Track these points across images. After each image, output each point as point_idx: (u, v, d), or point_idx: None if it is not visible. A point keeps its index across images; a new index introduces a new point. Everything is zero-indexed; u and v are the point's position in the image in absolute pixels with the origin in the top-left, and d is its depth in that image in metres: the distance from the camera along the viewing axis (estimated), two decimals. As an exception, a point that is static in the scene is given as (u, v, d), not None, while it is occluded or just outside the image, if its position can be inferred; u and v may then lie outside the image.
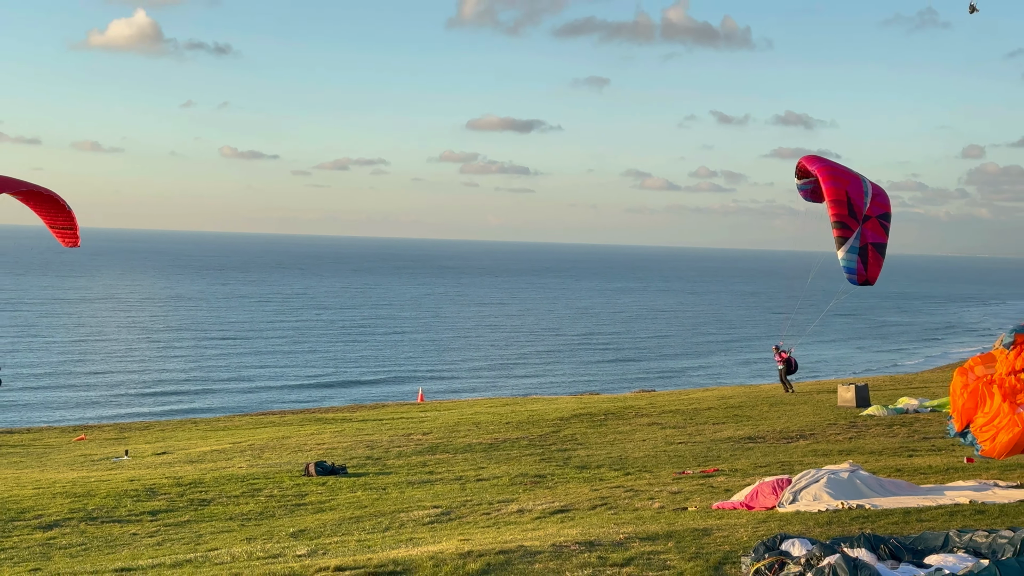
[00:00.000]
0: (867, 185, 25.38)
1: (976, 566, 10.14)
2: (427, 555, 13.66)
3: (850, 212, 24.44)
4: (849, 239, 24.38)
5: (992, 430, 17.28)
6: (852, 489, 17.38)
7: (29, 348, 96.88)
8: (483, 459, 29.99)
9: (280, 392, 77.46)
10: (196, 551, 17.56)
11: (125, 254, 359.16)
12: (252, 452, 33.94)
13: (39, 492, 25.37)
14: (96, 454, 36.68)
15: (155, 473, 28.94)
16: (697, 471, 24.60)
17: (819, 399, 42.33)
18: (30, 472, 31.06)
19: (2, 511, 22.94)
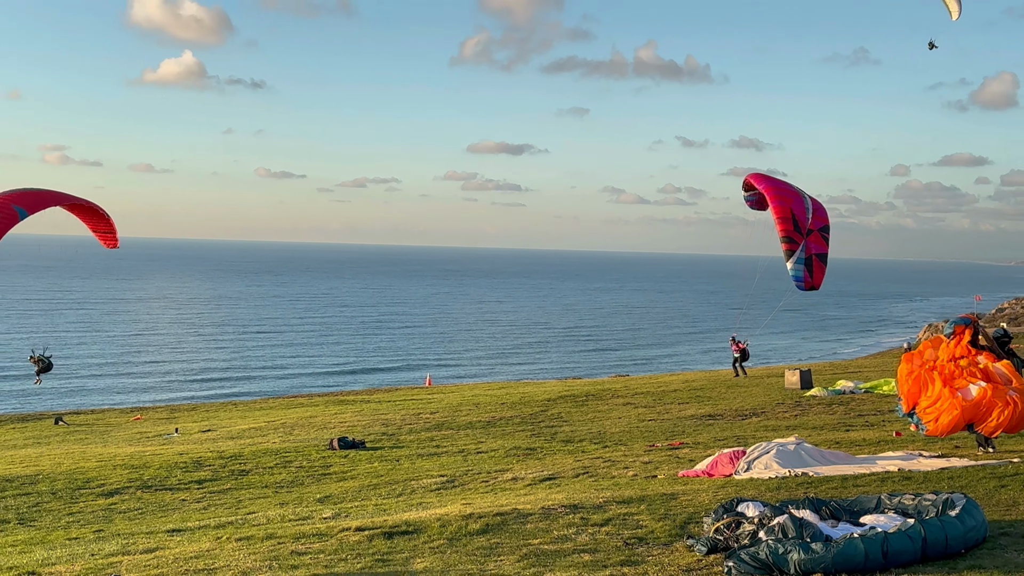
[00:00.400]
0: (807, 201, 25.37)
1: (904, 524, 10.13)
2: (435, 517, 13.65)
3: (795, 228, 24.44)
4: (796, 252, 24.39)
5: (935, 412, 17.23)
6: (797, 459, 17.40)
7: (94, 341, 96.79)
8: (482, 434, 29.99)
9: (308, 378, 77.36)
10: (236, 514, 17.54)
11: (175, 260, 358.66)
12: (284, 429, 33.91)
13: (102, 464, 25.36)
14: (150, 431, 36.66)
15: (201, 448, 28.91)
16: (665, 444, 24.61)
17: (769, 382, 42.39)
18: (94, 447, 31.03)
19: (70, 481, 22.93)
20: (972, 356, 17.83)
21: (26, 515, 19.40)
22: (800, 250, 24.38)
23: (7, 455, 29.38)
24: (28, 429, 39.59)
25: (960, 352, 17.95)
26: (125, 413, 46.25)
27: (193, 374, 78.39)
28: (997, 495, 13.24)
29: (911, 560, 9.67)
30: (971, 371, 17.49)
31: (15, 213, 19.90)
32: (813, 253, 24.73)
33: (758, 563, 9.60)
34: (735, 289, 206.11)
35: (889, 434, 23.58)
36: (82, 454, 28.36)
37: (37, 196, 20.94)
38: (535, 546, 11.57)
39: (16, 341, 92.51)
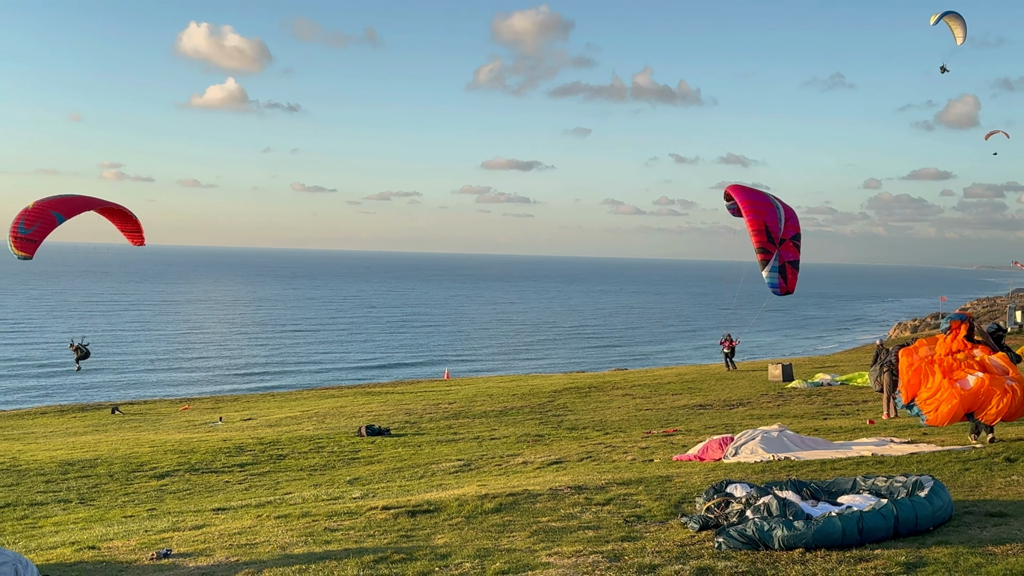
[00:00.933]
0: (780, 211, 25.23)
1: (877, 504, 10.11)
2: (453, 497, 13.65)
3: (768, 239, 24.37)
4: (770, 261, 24.34)
5: (935, 403, 16.73)
6: (780, 445, 17.36)
7: (147, 339, 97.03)
8: (495, 423, 30.00)
9: (339, 372, 77.41)
10: (275, 494, 17.56)
11: (219, 266, 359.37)
12: (317, 418, 33.96)
13: (154, 450, 25.43)
14: (197, 420, 36.75)
15: (243, 435, 28.97)
16: (660, 431, 24.59)
17: (754, 375, 42.34)
18: (147, 434, 31.11)
19: (126, 464, 23.01)
20: (968, 350, 17.40)
21: (86, 495, 19.46)
22: (774, 259, 24.32)
23: (69, 441, 29.49)
24: (88, 418, 39.72)
25: (957, 346, 17.52)
26: (174, 404, 46.37)
27: (235, 368, 78.51)
28: (961, 477, 13.19)
29: (884, 536, 9.66)
30: (968, 363, 17.06)
31: (54, 218, 19.99)
32: (786, 261, 24.66)
33: (745, 539, 9.58)
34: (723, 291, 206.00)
35: (863, 422, 23.53)
36: (136, 440, 28.44)
37: (73, 202, 21.00)
38: (544, 523, 11.57)
39: (86, 340, 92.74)
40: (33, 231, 19.64)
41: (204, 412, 40.47)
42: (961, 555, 8.98)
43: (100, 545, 12.33)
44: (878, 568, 8.69)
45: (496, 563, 9.64)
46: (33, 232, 19.63)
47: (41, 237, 19.87)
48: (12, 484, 20.92)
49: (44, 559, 11.56)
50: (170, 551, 11.39)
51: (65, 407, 45.68)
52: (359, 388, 53.29)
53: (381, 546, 10.84)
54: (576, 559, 9.63)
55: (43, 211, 19.83)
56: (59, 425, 36.73)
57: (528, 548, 10.30)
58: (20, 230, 19.56)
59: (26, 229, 19.55)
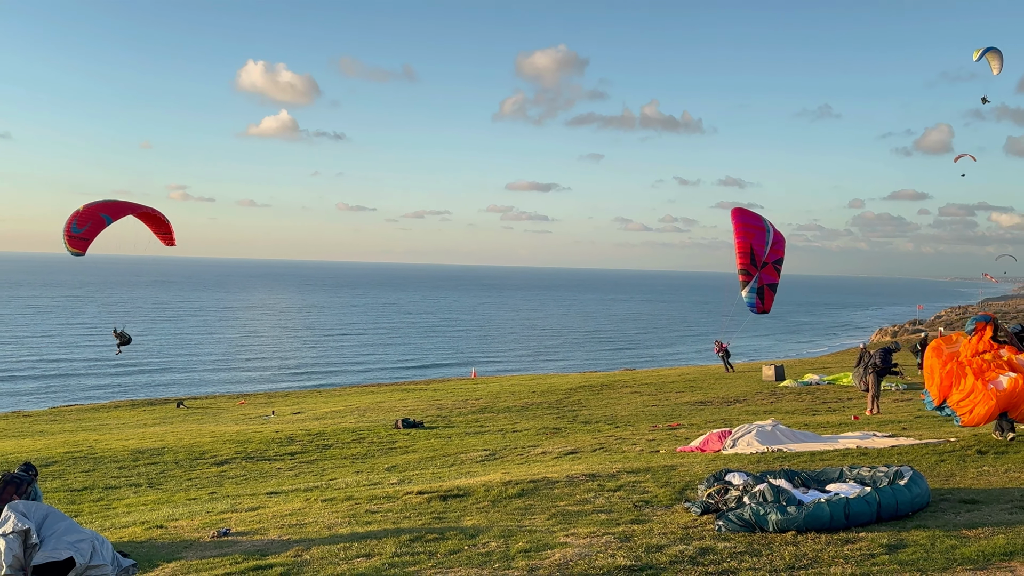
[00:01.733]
0: (769, 236, 25.05)
1: (862, 492, 10.04)
2: (480, 483, 13.64)
3: (751, 262, 24.27)
4: (750, 283, 24.25)
5: (969, 404, 15.41)
6: (774, 438, 17.25)
7: (208, 342, 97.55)
8: (517, 417, 29.96)
9: (378, 371, 77.56)
10: (321, 480, 17.61)
11: (272, 277, 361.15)
12: (359, 412, 34.02)
13: (214, 439, 25.54)
14: (252, 413, 36.88)
15: (292, 427, 29.05)
16: (665, 425, 24.49)
17: (749, 375, 42.11)
18: (208, 426, 31.25)
19: (189, 453, 23.11)
20: (995, 350, 16.20)
21: (155, 480, 19.57)
22: (754, 281, 24.23)
23: (139, 432, 29.67)
24: (156, 411, 39.94)
25: (983, 347, 16.30)
26: (232, 399, 46.57)
27: (286, 367, 78.80)
28: (938, 468, 13.08)
29: (868, 521, 9.59)
30: (997, 364, 15.86)
31: (103, 220, 20.08)
32: (765, 283, 24.53)
33: (743, 522, 9.53)
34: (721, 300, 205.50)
35: (848, 418, 23.36)
36: (198, 431, 28.57)
37: (117, 206, 21.07)
38: (561, 507, 11.54)
39: (149, 342, 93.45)
40: (85, 230, 19.78)
41: (258, 406, 40.63)
42: (938, 538, 8.91)
43: (167, 524, 12.40)
44: (863, 549, 8.62)
45: (519, 542, 9.63)
46: (85, 231, 19.77)
47: (92, 236, 19.97)
48: (89, 470, 21.07)
49: (118, 536, 11.62)
50: (229, 530, 11.44)
51: (136, 402, 45.97)
52: (396, 385, 53.37)
53: (416, 527, 10.85)
54: (590, 539, 9.61)
55: (93, 213, 19.96)
56: (130, 418, 36.95)
57: (547, 529, 10.28)
58: (73, 229, 19.71)
59: (79, 229, 19.69)
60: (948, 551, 8.42)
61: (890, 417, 22.74)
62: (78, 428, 32.59)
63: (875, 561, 8.19)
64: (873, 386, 24.91)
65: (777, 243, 25.21)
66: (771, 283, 24.64)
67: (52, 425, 34.35)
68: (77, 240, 19.63)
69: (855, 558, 8.31)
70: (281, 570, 9.25)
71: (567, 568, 8.56)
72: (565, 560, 8.83)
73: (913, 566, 8.00)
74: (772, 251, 24.87)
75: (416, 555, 9.46)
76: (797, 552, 8.62)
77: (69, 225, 19.62)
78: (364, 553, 9.69)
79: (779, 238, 25.54)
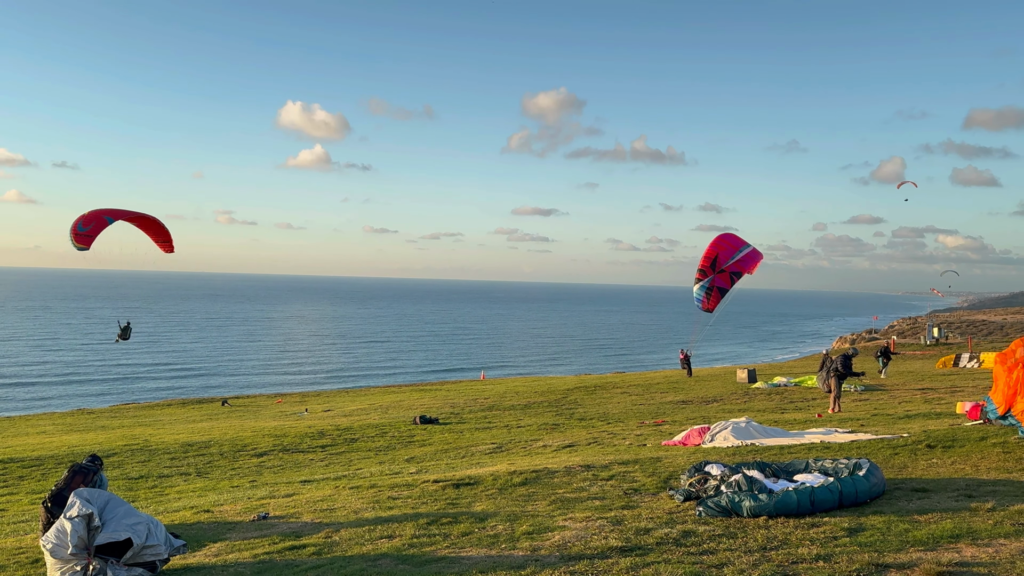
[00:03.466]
0: (742, 253, 24.74)
1: (826, 481, 9.98)
2: (489, 473, 13.60)
3: (711, 265, 24.02)
4: (703, 281, 23.99)
5: None
6: (747, 433, 17.18)
7: (251, 348, 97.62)
8: (521, 414, 29.89)
9: (399, 374, 77.51)
10: (349, 470, 17.56)
11: (307, 291, 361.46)
12: (381, 409, 33.98)
13: (255, 434, 25.52)
14: (288, 411, 36.86)
15: (323, 422, 29.02)
16: (651, 422, 24.41)
17: (725, 377, 41.99)
18: (249, 422, 31.24)
19: (233, 446, 23.09)
20: None
21: (202, 469, 19.54)
22: (707, 281, 24.01)
23: (189, 427, 29.66)
24: (203, 408, 39.95)
25: None
26: (271, 398, 46.57)
27: (318, 370, 78.78)
28: (892, 460, 13.00)
29: (831, 507, 9.53)
30: None
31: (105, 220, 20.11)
32: (716, 285, 24.25)
33: (720, 508, 9.48)
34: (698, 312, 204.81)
35: (813, 415, 23.26)
36: (241, 426, 28.57)
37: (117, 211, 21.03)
38: (560, 494, 11.50)
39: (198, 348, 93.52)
40: (90, 229, 19.89)
41: (293, 405, 40.61)
42: (893, 522, 8.85)
43: (213, 509, 12.37)
44: (827, 532, 8.57)
45: (523, 525, 9.59)
46: (90, 229, 19.89)
47: (96, 233, 19.99)
48: (145, 460, 21.05)
49: (170, 520, 11.60)
50: (268, 514, 11.41)
51: (186, 400, 45.97)
52: (414, 386, 53.33)
53: (432, 511, 10.81)
54: (586, 523, 9.56)
55: (97, 215, 20.10)
56: (181, 415, 36.96)
57: (548, 513, 10.24)
58: (79, 228, 19.84)
59: (84, 227, 19.79)
60: (902, 534, 8.36)
61: (850, 415, 22.64)
62: (135, 424, 32.60)
63: (837, 543, 8.14)
64: (835, 388, 24.83)
65: (747, 260, 24.94)
66: (721, 287, 24.32)
67: (112, 421, 34.37)
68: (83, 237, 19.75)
69: (820, 540, 8.26)
70: (314, 550, 9.22)
71: (566, 548, 8.52)
72: (564, 541, 8.79)
73: (871, 547, 7.95)
74: (735, 264, 24.63)
75: (432, 536, 9.43)
76: (768, 535, 8.56)
77: (75, 225, 19.77)
78: (387, 535, 9.66)
79: (752, 258, 25.29)
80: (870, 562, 7.45)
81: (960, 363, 43.84)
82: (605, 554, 8.22)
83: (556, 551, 8.45)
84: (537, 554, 8.39)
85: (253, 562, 8.94)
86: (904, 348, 61.93)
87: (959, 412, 20.91)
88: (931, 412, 22.13)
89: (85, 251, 19.68)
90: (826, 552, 7.83)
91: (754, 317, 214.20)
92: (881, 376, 37.59)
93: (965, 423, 17.24)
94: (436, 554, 8.69)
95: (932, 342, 66.53)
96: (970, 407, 19.49)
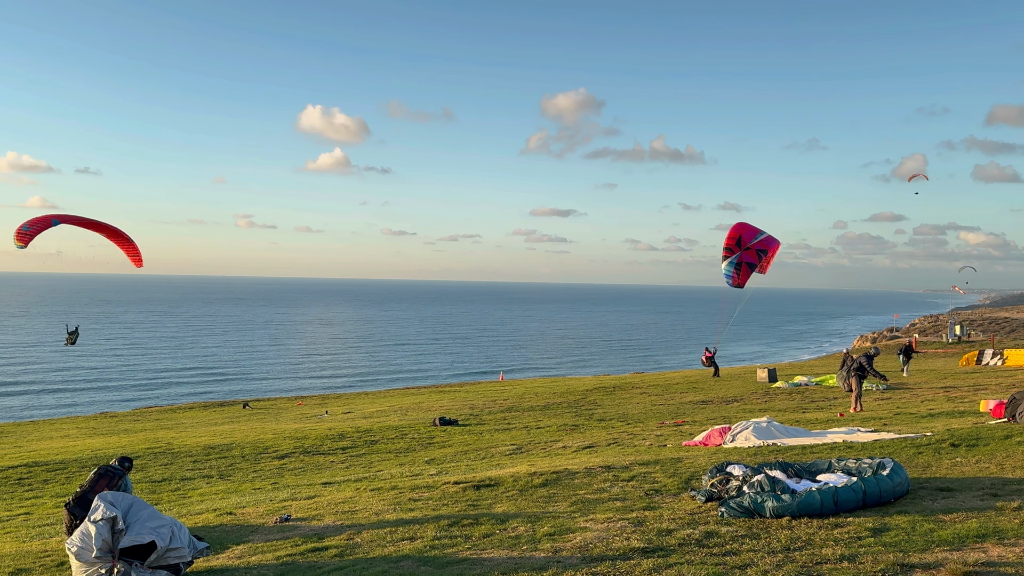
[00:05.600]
0: (762, 236, 24.72)
1: (849, 481, 9.89)
2: (509, 474, 13.57)
3: (737, 243, 23.97)
4: (731, 258, 23.84)
5: None
6: (769, 433, 17.05)
7: (271, 351, 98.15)
8: (540, 415, 29.83)
9: (418, 374, 77.69)
10: (369, 472, 17.59)
11: (327, 294, 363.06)
12: (401, 411, 34.03)
13: (276, 436, 25.61)
14: (308, 413, 36.99)
15: (343, 424, 29.09)
16: (672, 422, 24.29)
17: (745, 377, 41.74)
18: (270, 424, 31.37)
19: (254, 448, 23.19)
20: None
21: (224, 472, 19.64)
22: (735, 257, 23.84)
23: (211, 430, 29.83)
24: (225, 412, 40.17)
25: None
26: (291, 400, 46.75)
27: (338, 372, 79.11)
28: (916, 459, 12.87)
29: (854, 507, 9.45)
30: None
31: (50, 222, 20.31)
32: (744, 261, 24.11)
33: (743, 509, 9.41)
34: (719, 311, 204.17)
35: (834, 415, 23.06)
36: (262, 429, 28.69)
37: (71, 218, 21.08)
38: (581, 495, 11.46)
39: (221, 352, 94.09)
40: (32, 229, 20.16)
41: (314, 407, 40.75)
42: (917, 522, 8.75)
43: (236, 511, 12.42)
44: (850, 532, 8.49)
45: (544, 527, 9.56)
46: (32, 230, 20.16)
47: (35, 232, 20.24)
48: (168, 463, 21.19)
49: (193, 522, 11.65)
50: (290, 516, 11.44)
51: (208, 403, 46.25)
52: (434, 388, 53.39)
53: (453, 513, 10.80)
54: (607, 524, 9.52)
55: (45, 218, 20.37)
56: (203, 417, 37.18)
57: (569, 515, 10.20)
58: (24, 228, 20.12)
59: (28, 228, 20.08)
60: (927, 534, 8.27)
61: (872, 414, 22.44)
62: (157, 427, 32.83)
63: (862, 543, 8.06)
64: (856, 387, 24.63)
65: (767, 241, 24.84)
66: (750, 262, 24.18)
67: (135, 424, 34.63)
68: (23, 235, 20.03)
69: (844, 540, 8.18)
70: (335, 551, 9.23)
71: (587, 550, 8.48)
72: (585, 543, 8.75)
73: (896, 547, 7.86)
74: (759, 243, 24.54)
75: (454, 538, 9.42)
76: (792, 535, 8.49)
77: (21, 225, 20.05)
78: (408, 536, 9.65)
79: (770, 243, 25.18)
80: (895, 562, 7.37)
81: (983, 360, 43.35)
82: (627, 555, 8.18)
83: (578, 552, 8.42)
84: (559, 555, 8.36)
85: (276, 564, 8.96)
86: (926, 346, 61.38)
87: (983, 410, 20.68)
88: (954, 410, 21.90)
89: (23, 248, 19.96)
90: (850, 552, 7.75)
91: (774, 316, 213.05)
92: (903, 375, 37.25)
93: (989, 421, 17.05)
94: (457, 556, 8.68)
95: (954, 340, 65.89)
96: (994, 405, 19.27)
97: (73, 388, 63.89)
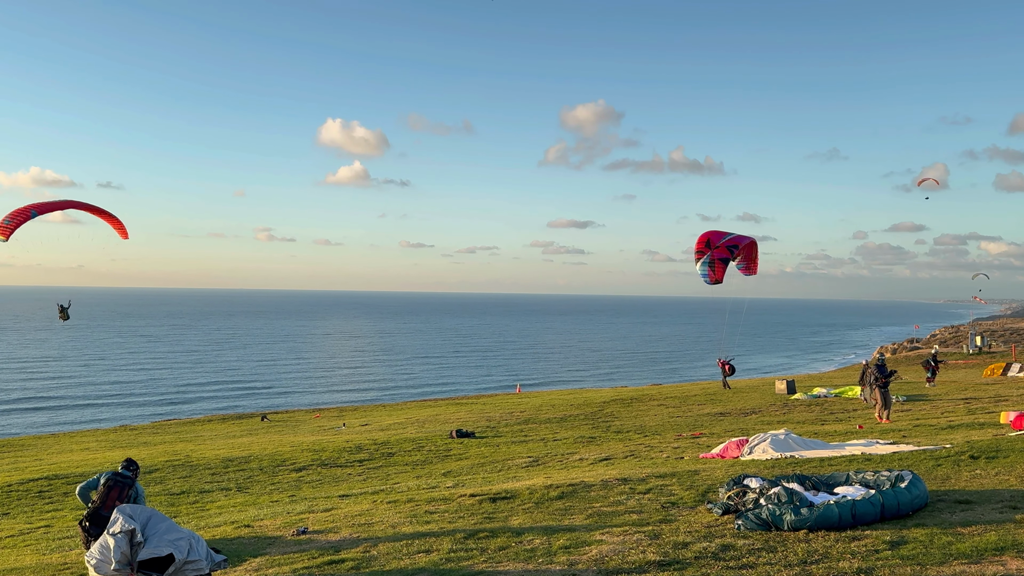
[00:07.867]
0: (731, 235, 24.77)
1: (867, 494, 9.82)
2: (525, 487, 13.56)
3: (707, 245, 24.11)
4: (703, 258, 23.90)
5: None
6: (786, 445, 16.95)
7: (294, 364, 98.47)
8: (557, 427, 29.77)
9: (435, 386, 77.67)
10: (386, 484, 17.61)
11: (346, 306, 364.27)
12: (418, 423, 34.04)
13: (293, 448, 25.69)
14: (326, 425, 37.07)
15: (361, 437, 29.13)
16: (689, 434, 24.18)
17: (763, 388, 41.50)
18: (288, 436, 31.46)
19: (272, 460, 23.27)
20: None
21: (242, 484, 19.72)
22: (706, 257, 23.90)
23: (229, 442, 29.95)
24: (243, 424, 40.33)
25: None
26: (309, 412, 46.87)
27: (355, 384, 79.21)
28: (935, 471, 12.75)
29: (873, 520, 9.38)
30: None
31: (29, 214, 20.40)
32: (716, 258, 24.11)
33: (760, 522, 9.36)
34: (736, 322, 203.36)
35: (854, 427, 22.89)
36: (280, 441, 28.77)
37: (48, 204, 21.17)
38: (597, 508, 11.43)
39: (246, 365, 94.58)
40: (12, 223, 20.29)
41: (331, 419, 40.84)
42: (935, 535, 8.68)
43: (253, 524, 12.47)
44: (868, 545, 8.42)
45: (560, 539, 9.54)
46: (12, 224, 20.29)
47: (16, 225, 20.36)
48: (186, 476, 21.30)
49: (211, 535, 11.71)
50: (307, 528, 11.48)
51: (226, 416, 46.46)
52: (451, 400, 53.37)
53: (469, 526, 10.80)
54: (623, 537, 9.49)
55: (24, 209, 20.47)
56: (221, 430, 37.35)
57: (585, 527, 10.18)
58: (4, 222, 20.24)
59: (8, 221, 20.21)
60: (945, 547, 8.20)
61: (892, 426, 22.25)
62: (176, 439, 33.01)
63: (879, 556, 8.00)
64: (880, 398, 24.52)
65: (738, 239, 24.89)
66: (722, 257, 24.21)
67: (154, 437, 34.84)
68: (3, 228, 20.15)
69: (861, 553, 8.12)
70: (352, 564, 9.25)
71: (603, 563, 8.46)
72: (601, 556, 8.73)
73: (914, 560, 7.80)
74: (729, 240, 24.62)
75: (469, 551, 9.42)
76: (809, 548, 8.44)
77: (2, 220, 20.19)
78: (424, 549, 9.66)
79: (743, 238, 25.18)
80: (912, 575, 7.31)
81: (1010, 372, 42.82)
82: (643, 568, 8.16)
83: (593, 565, 8.40)
84: (574, 568, 8.35)
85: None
86: (947, 357, 60.79)
87: (1003, 422, 20.47)
88: (974, 422, 21.67)
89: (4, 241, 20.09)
90: (868, 566, 7.69)
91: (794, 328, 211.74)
92: (927, 386, 36.89)
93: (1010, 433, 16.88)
94: (473, 568, 8.68)
95: (975, 351, 65.27)
96: (1015, 417, 19.07)
97: (96, 403, 64.36)
